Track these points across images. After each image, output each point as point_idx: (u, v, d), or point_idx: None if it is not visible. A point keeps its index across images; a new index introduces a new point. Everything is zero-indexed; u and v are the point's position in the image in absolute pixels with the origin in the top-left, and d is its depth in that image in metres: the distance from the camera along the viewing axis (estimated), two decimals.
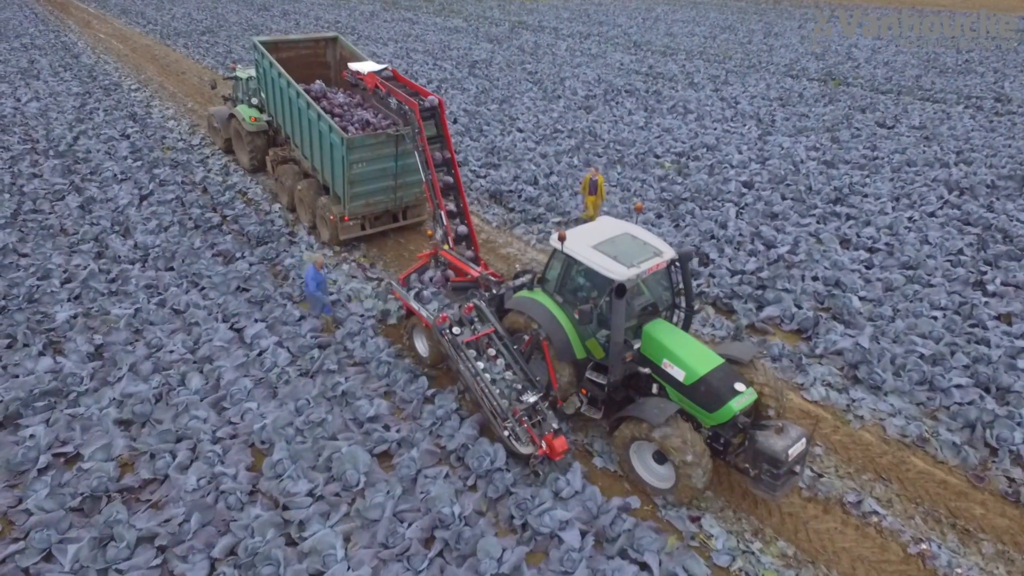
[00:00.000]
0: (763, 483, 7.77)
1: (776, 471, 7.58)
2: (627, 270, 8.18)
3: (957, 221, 16.06)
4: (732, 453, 8.24)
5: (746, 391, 8.10)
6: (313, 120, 14.14)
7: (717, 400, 8.03)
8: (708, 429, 8.34)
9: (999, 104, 26.73)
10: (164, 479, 8.57)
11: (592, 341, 9.04)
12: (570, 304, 9.15)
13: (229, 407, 9.81)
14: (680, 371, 8.28)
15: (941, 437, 9.45)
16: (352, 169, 13.46)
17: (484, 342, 9.46)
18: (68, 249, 14.26)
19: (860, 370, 10.75)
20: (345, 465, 8.59)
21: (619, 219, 9.95)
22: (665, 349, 8.47)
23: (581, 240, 8.91)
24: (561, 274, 9.19)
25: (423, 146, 12.31)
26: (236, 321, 11.79)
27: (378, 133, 13.62)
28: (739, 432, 8.21)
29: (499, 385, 8.90)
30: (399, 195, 14.64)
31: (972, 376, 10.60)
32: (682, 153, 20.72)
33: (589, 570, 7.30)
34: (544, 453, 8.43)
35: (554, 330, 9.06)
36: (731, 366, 8.45)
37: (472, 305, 9.82)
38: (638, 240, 8.93)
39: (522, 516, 8.00)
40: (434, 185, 12.39)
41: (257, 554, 7.38)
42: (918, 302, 12.65)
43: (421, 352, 10.84)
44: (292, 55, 16.93)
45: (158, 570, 7.33)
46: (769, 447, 7.62)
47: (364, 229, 14.69)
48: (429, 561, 7.40)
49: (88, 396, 9.90)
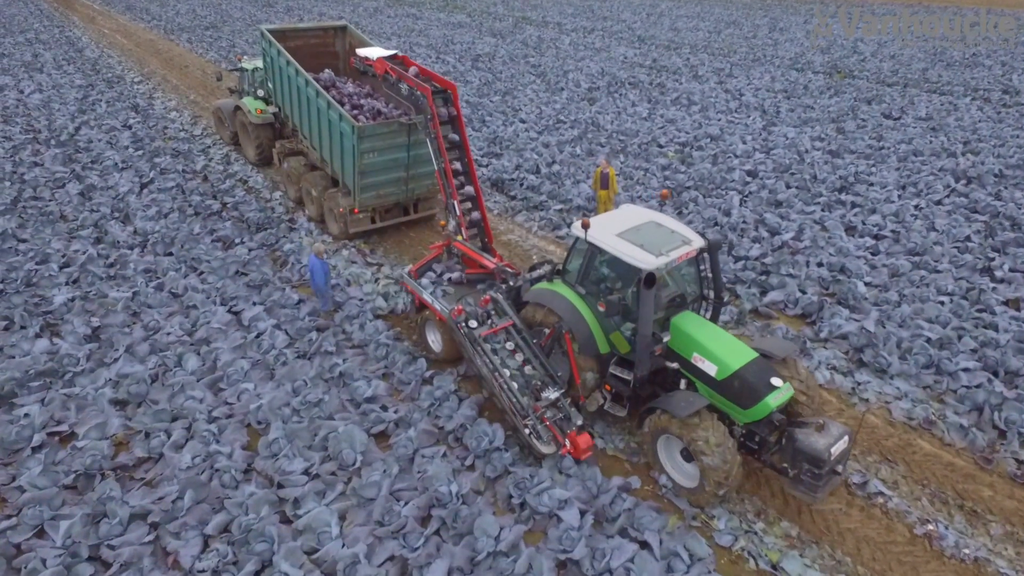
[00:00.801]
0: (803, 484, 7.33)
1: (817, 471, 7.15)
2: (655, 259, 7.74)
3: (964, 209, 15.86)
4: (767, 452, 7.82)
5: (783, 386, 7.62)
6: (322, 109, 13.67)
7: (752, 396, 7.58)
8: (742, 427, 7.92)
9: (1007, 96, 26.46)
10: (159, 458, 8.48)
11: (616, 335, 8.64)
12: (593, 296, 8.73)
13: (226, 388, 9.71)
14: (712, 365, 7.87)
15: (948, 420, 9.28)
16: (363, 159, 12.94)
17: (502, 336, 9.05)
18: (67, 235, 14.20)
19: (865, 354, 10.59)
20: (342, 444, 8.49)
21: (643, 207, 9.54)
22: (695, 342, 8.05)
23: (605, 228, 8.45)
24: (584, 264, 8.71)
25: (436, 133, 11.81)
26: (234, 304, 11.70)
27: (390, 122, 13.13)
28: (775, 430, 7.82)
29: (519, 381, 8.52)
30: (411, 187, 14.09)
31: (980, 360, 10.42)
32: (686, 143, 20.56)
33: (588, 548, 7.16)
34: (568, 452, 8.14)
35: (576, 323, 8.65)
36: (765, 360, 7.95)
37: (489, 297, 9.37)
38: (664, 228, 8.47)
39: (520, 495, 7.88)
40: (447, 173, 11.90)
41: (251, 531, 7.27)
42: (925, 287, 12.47)
43: (434, 347, 10.43)
44: (300, 44, 16.47)
45: (150, 546, 7.22)
46: (810, 446, 7.19)
47: (374, 222, 14.19)
48: (425, 539, 7.28)
49: (84, 376, 9.82)
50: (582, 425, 8.28)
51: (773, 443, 7.78)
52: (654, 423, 7.89)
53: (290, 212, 15.79)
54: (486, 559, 7.05)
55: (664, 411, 7.69)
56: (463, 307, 9.16)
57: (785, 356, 8.16)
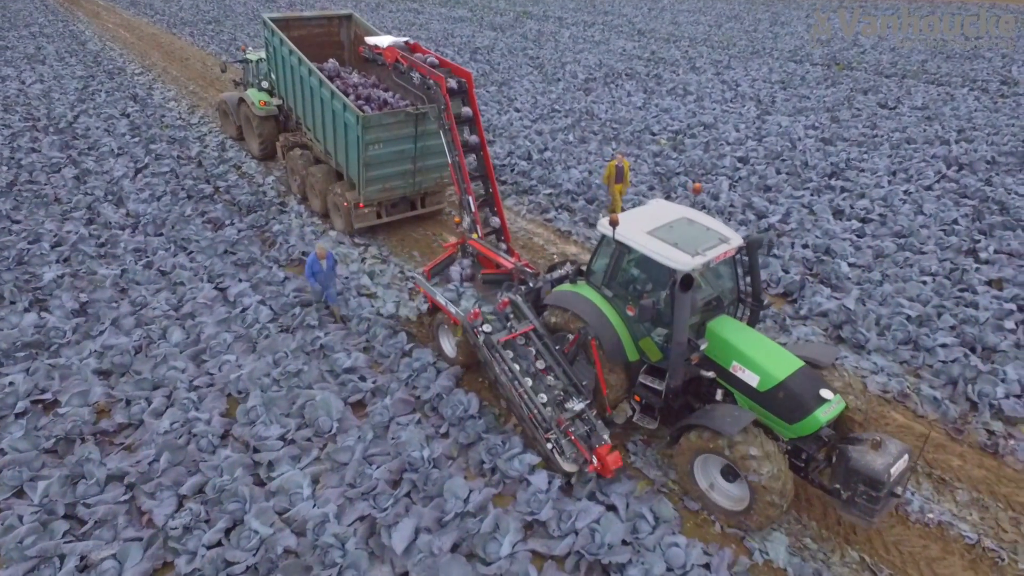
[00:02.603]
0: (858, 507, 6.65)
1: (875, 493, 6.47)
2: (691, 259, 7.09)
3: (954, 194, 15.86)
4: (815, 470, 7.19)
5: (834, 399, 7.00)
6: (326, 99, 13.17)
7: (800, 409, 6.93)
8: (787, 442, 7.27)
9: (1005, 87, 26.37)
10: (139, 424, 8.63)
11: (647, 341, 7.97)
12: (621, 299, 8.08)
13: (208, 359, 9.85)
14: (753, 376, 7.20)
15: (923, 393, 9.33)
16: (368, 151, 12.44)
17: (521, 342, 8.45)
18: (61, 217, 14.38)
19: (844, 330, 10.64)
20: (318, 412, 8.62)
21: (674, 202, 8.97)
22: (734, 350, 7.38)
23: (635, 226, 7.76)
24: (611, 265, 8.06)
25: (450, 124, 11.09)
26: (221, 281, 11.86)
27: (396, 111, 12.55)
28: (823, 446, 7.18)
29: (541, 391, 7.90)
30: (418, 180, 13.55)
31: (958, 336, 10.46)
32: (679, 131, 20.61)
33: (555, 510, 7.26)
34: (595, 470, 7.53)
35: (603, 328, 7.96)
36: (812, 370, 7.32)
37: (507, 300, 8.83)
38: (699, 225, 7.81)
39: (492, 460, 7.99)
40: (461, 168, 11.21)
41: (224, 491, 7.41)
42: (908, 268, 12.51)
43: (447, 351, 9.87)
44: (304, 33, 15.96)
45: (125, 505, 7.37)
46: (866, 465, 6.52)
47: (380, 217, 13.67)
48: (395, 500, 7.39)
49: (69, 348, 9.99)
50: (610, 441, 7.65)
51: (822, 460, 7.17)
52: (693, 442, 7.16)
53: (281, 196, 15.93)
54: (454, 519, 7.16)
55: (706, 428, 6.99)
56: (479, 311, 8.62)
57: (831, 362, 7.60)
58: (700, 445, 7.07)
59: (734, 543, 7.18)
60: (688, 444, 7.22)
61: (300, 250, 13.09)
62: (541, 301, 9.14)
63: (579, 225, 14.60)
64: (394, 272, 12.59)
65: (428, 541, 6.85)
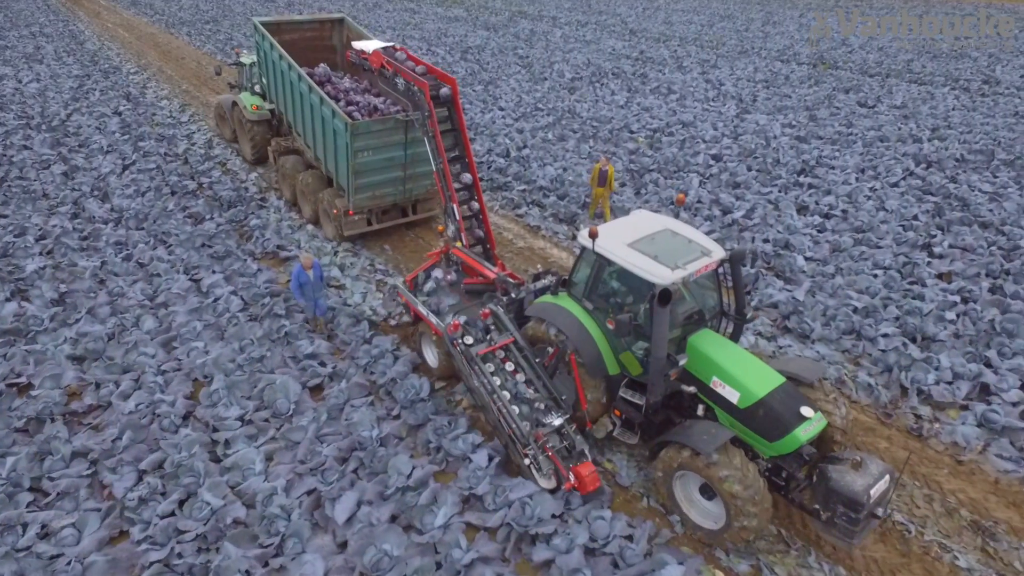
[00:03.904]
0: (837, 528, 6.56)
1: (854, 515, 6.36)
2: (671, 272, 6.96)
3: (918, 191, 16.22)
4: (795, 489, 7.08)
5: (814, 417, 6.86)
6: (315, 105, 13.10)
7: (779, 427, 6.81)
8: (767, 460, 7.16)
9: (986, 86, 26.68)
10: (107, 406, 9.08)
11: (627, 355, 7.85)
12: (601, 312, 7.95)
13: (178, 346, 10.31)
14: (734, 392, 7.08)
15: (858, 379, 9.72)
16: (357, 158, 12.32)
17: (501, 354, 8.38)
18: (47, 211, 14.87)
19: (791, 320, 11.04)
20: (277, 394, 9.07)
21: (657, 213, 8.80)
22: (715, 365, 7.26)
23: (615, 238, 7.65)
24: (591, 277, 7.94)
25: (434, 131, 10.91)
26: (196, 273, 12.32)
27: (385, 118, 12.47)
28: (804, 465, 7.05)
29: (519, 405, 7.81)
30: (408, 187, 13.44)
31: (900, 327, 10.84)
32: (657, 129, 20.99)
33: (491, 485, 7.69)
34: (572, 487, 7.40)
35: (583, 341, 7.81)
36: (794, 386, 7.21)
37: (488, 311, 8.74)
38: (681, 237, 7.67)
39: (438, 440, 8.42)
40: (446, 175, 10.99)
41: (181, 467, 7.86)
42: (863, 261, 12.88)
43: (430, 362, 9.80)
44: (295, 37, 15.86)
45: (88, 479, 7.83)
46: (846, 486, 6.40)
47: (370, 224, 13.56)
48: (341, 475, 7.84)
49: (46, 335, 10.46)
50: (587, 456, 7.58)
51: (802, 479, 7.03)
52: (670, 458, 7.09)
53: (262, 192, 16.39)
54: (395, 493, 7.60)
55: (683, 445, 6.92)
56: (459, 322, 8.49)
57: (817, 379, 7.50)
58: (678, 462, 6.97)
59: (658, 517, 7.60)
60: (666, 460, 7.15)
61: (275, 243, 13.55)
62: (524, 312, 8.96)
63: (548, 221, 15.02)
64: (364, 265, 13.04)
65: (368, 512, 7.29)
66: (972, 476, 8.19)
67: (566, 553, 6.87)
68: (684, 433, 7.00)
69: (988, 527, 7.46)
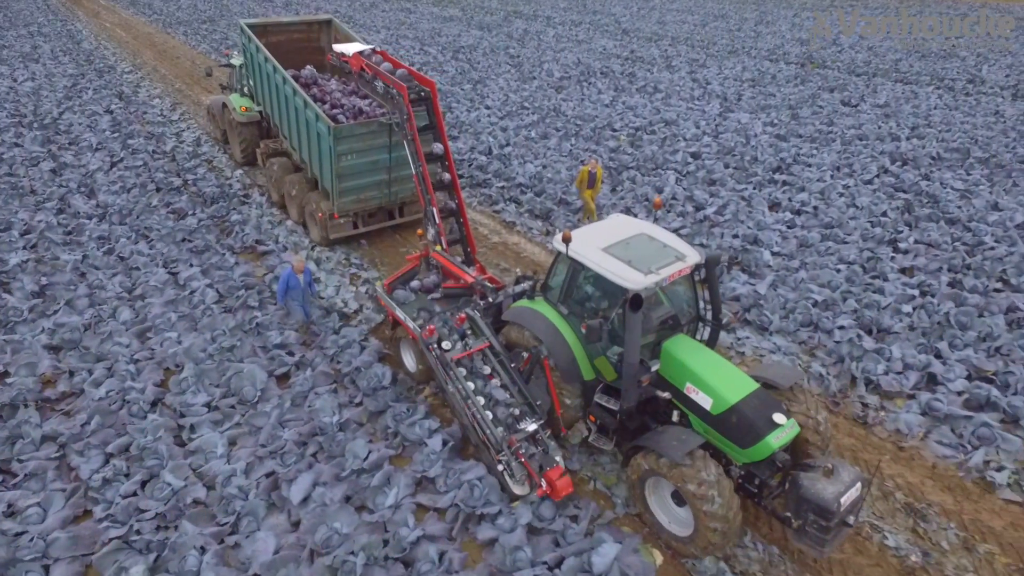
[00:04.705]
0: (808, 536, 6.48)
1: (825, 523, 6.29)
2: (644, 277, 6.94)
3: (890, 188, 16.46)
4: (768, 496, 7.03)
5: (787, 424, 6.76)
6: (300, 108, 13.08)
7: (751, 434, 6.72)
8: (740, 467, 7.11)
9: (971, 85, 26.87)
10: (80, 393, 9.39)
11: (602, 360, 7.83)
12: (576, 316, 7.91)
13: (152, 336, 10.62)
14: (707, 398, 7.01)
15: (811, 369, 9.99)
16: (340, 161, 12.30)
17: (477, 359, 8.36)
18: (34, 207, 15.20)
19: (751, 312, 11.31)
20: (243, 382, 9.37)
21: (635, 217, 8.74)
22: (689, 371, 7.20)
23: (589, 242, 7.64)
24: (566, 281, 7.93)
25: (412, 134, 10.87)
26: (174, 266, 12.63)
27: (369, 121, 12.46)
28: (777, 472, 7.00)
29: (493, 410, 7.76)
30: (394, 190, 13.37)
31: (857, 319, 11.10)
32: (639, 127, 21.26)
33: (444, 468, 7.98)
34: (544, 493, 7.39)
35: (558, 346, 7.80)
36: (768, 393, 7.13)
37: (464, 315, 8.67)
38: (657, 242, 7.65)
39: (396, 426, 8.72)
40: (425, 178, 10.92)
41: (145, 450, 8.16)
42: (828, 256, 13.14)
43: (408, 366, 9.80)
44: (283, 39, 16.01)
45: (56, 462, 8.14)
46: (816, 494, 6.32)
47: (356, 227, 13.54)
48: (300, 458, 8.13)
49: (24, 325, 10.78)
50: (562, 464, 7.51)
51: (775, 487, 6.99)
52: (641, 464, 7.09)
53: (246, 188, 16.70)
54: (350, 475, 7.90)
55: (652, 451, 6.91)
56: (434, 327, 8.49)
57: (791, 385, 7.42)
58: (649, 467, 6.96)
59: (602, 499, 7.88)
60: (637, 466, 7.14)
61: (254, 238, 13.85)
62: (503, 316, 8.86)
63: (524, 217, 15.30)
64: (339, 259, 13.34)
65: (321, 493, 7.59)
66: (911, 462, 8.45)
67: (510, 532, 7.16)
68: (655, 439, 6.96)
69: (920, 509, 7.72)
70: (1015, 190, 16.18)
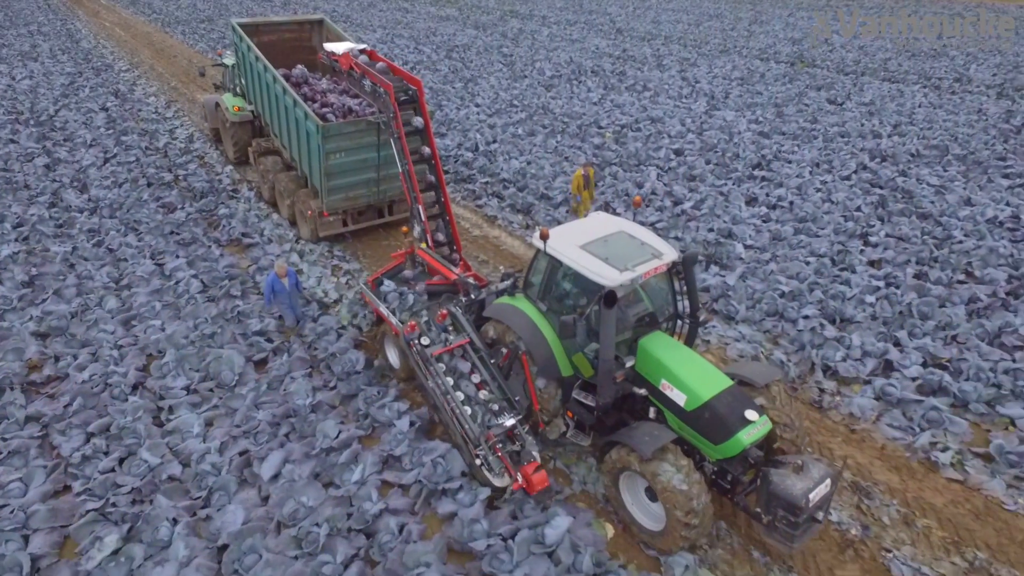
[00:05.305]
0: (778, 531, 6.57)
1: (793, 519, 6.38)
2: (619, 274, 7.01)
3: (867, 184, 16.76)
4: (741, 492, 7.11)
5: (758, 420, 6.86)
6: (290, 106, 13.28)
7: (723, 430, 6.81)
8: (713, 463, 7.21)
9: (957, 84, 27.14)
10: (65, 377, 9.75)
11: (580, 356, 7.88)
12: (555, 312, 7.99)
13: (137, 324, 10.98)
14: (681, 394, 7.10)
15: (773, 356, 10.30)
16: (329, 159, 12.47)
17: (457, 355, 8.51)
18: (27, 201, 15.57)
19: (719, 303, 11.62)
20: (222, 366, 9.71)
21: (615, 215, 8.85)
22: (663, 368, 7.29)
23: (568, 239, 7.74)
24: (545, 278, 8.03)
25: (399, 132, 11.05)
26: (161, 258, 12.99)
27: (357, 120, 12.61)
28: (750, 468, 7.06)
29: (472, 406, 7.89)
30: (382, 188, 13.53)
31: (822, 309, 11.41)
32: (626, 124, 21.57)
33: (410, 448, 8.32)
34: (520, 487, 7.50)
35: (536, 343, 7.89)
36: (742, 389, 7.21)
37: (446, 312, 8.87)
38: (635, 240, 7.71)
39: (367, 408, 9.06)
40: (411, 176, 11.07)
41: (125, 429, 8.51)
42: (800, 249, 13.45)
43: (392, 362, 9.83)
44: (275, 39, 16.22)
45: (38, 441, 8.50)
46: (785, 490, 6.39)
47: (346, 225, 13.70)
48: (272, 437, 8.48)
49: (13, 313, 11.15)
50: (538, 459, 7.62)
51: (747, 483, 7.07)
52: (615, 459, 7.19)
53: (235, 184, 17.06)
54: (319, 453, 8.24)
55: (625, 446, 7.02)
56: (415, 322, 8.61)
57: (768, 383, 7.47)
58: (622, 462, 7.06)
59: (562, 477, 8.20)
60: (611, 461, 7.25)
61: (240, 231, 14.20)
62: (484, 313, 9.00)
63: (505, 211, 15.63)
64: (322, 251, 13.68)
65: (291, 470, 7.93)
66: (862, 443, 8.77)
67: (469, 507, 7.49)
68: (627, 434, 7.06)
69: (866, 487, 8.04)
70: (989, 186, 16.47)
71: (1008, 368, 9.72)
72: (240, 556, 6.87)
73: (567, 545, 6.96)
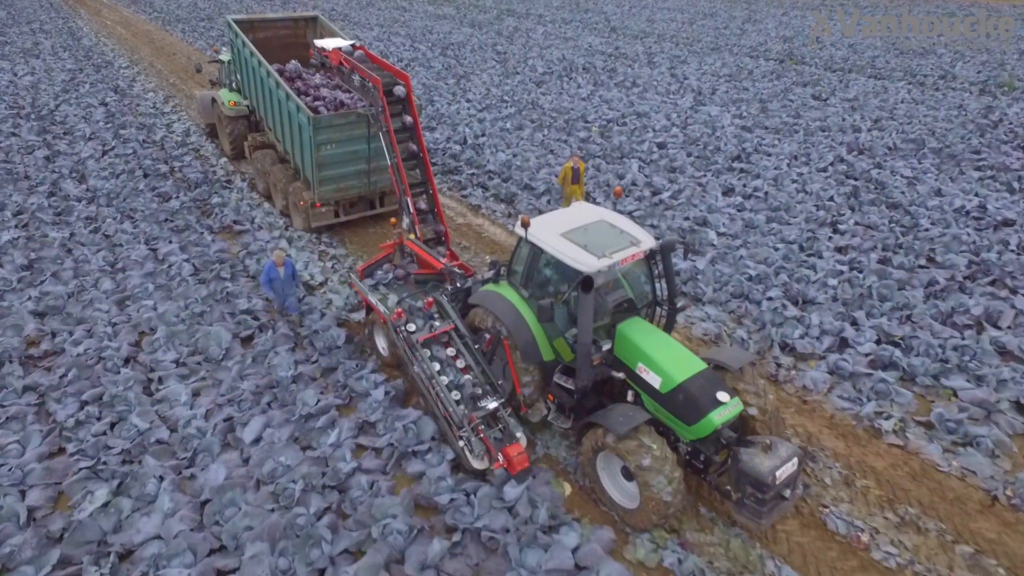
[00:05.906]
0: (747, 508, 6.89)
1: (761, 496, 6.70)
2: (597, 261, 7.29)
3: (842, 176, 17.25)
4: (714, 472, 7.36)
5: (730, 402, 7.15)
6: (283, 100, 13.70)
7: (696, 411, 7.11)
8: (687, 444, 7.48)
9: (941, 81, 27.59)
10: (61, 351, 10.28)
11: (560, 341, 8.22)
12: (537, 299, 8.21)
13: (130, 304, 11.51)
14: (656, 377, 7.39)
15: (735, 335, 10.80)
16: (320, 151, 12.87)
17: (443, 341, 8.81)
18: (27, 191, 16.12)
19: (687, 285, 12.13)
20: (210, 342, 10.25)
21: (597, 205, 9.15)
22: (640, 352, 7.56)
23: (549, 227, 8.03)
24: (527, 265, 8.31)
25: (387, 126, 11.29)
26: (155, 243, 13.52)
27: (347, 113, 12.96)
28: (722, 448, 7.31)
29: (456, 389, 8.18)
30: (373, 180, 13.87)
31: (786, 291, 11.91)
32: (612, 119, 22.07)
33: (384, 415, 8.84)
34: (501, 467, 7.74)
35: (518, 328, 8.20)
36: (715, 372, 7.49)
37: (432, 300, 9.16)
38: (615, 228, 8.01)
39: (346, 379, 9.58)
40: (399, 168, 11.28)
41: (116, 397, 9.04)
42: (771, 236, 13.94)
43: (381, 350, 10.09)
44: (269, 35, 16.67)
45: (36, 408, 9.03)
46: (753, 468, 6.70)
47: (338, 216, 14.09)
48: (254, 404, 9.01)
49: (12, 294, 11.69)
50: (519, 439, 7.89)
51: (719, 463, 7.35)
52: (592, 439, 7.44)
53: (229, 175, 17.59)
54: (299, 419, 8.76)
55: (601, 426, 7.28)
56: (402, 310, 8.87)
57: (741, 366, 7.77)
58: (599, 443, 7.30)
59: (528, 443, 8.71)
60: (588, 442, 7.50)
61: (232, 219, 14.73)
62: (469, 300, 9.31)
63: (489, 200, 16.15)
64: (311, 236, 14.21)
65: (271, 433, 8.46)
66: (813, 413, 9.27)
67: (436, 467, 8.01)
68: (604, 415, 7.30)
69: (812, 452, 8.54)
70: (961, 178, 16.95)
71: (957, 345, 10.23)
72: (220, 509, 7.39)
73: (525, 500, 7.47)
